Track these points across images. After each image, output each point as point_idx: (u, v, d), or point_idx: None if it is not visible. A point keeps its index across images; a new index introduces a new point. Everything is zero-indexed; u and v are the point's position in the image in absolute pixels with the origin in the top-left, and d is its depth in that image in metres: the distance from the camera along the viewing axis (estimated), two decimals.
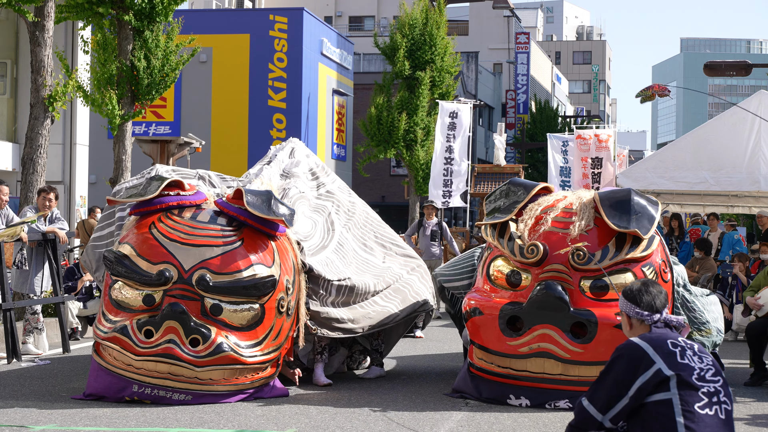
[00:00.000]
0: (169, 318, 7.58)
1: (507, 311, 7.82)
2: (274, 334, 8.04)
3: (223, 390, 7.84)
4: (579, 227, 8.00)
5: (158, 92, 15.90)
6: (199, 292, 7.72)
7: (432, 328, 14.10)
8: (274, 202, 8.18)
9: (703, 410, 4.25)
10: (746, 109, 14.50)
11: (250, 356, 7.82)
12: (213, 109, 32.26)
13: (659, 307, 4.53)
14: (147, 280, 7.75)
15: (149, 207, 8.17)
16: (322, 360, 9.09)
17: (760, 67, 21.17)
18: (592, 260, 7.81)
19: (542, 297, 7.67)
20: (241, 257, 7.91)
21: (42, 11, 13.11)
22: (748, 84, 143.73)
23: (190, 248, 7.87)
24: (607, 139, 22.02)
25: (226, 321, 7.78)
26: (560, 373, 7.77)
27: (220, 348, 7.64)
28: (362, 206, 10.49)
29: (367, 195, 45.44)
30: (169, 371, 7.66)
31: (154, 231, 8.03)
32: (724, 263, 15.14)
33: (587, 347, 7.63)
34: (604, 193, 8.29)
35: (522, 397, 7.89)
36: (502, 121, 51.33)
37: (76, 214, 19.12)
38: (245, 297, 7.81)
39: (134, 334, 7.66)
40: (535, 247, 7.87)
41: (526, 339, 7.76)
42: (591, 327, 7.63)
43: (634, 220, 7.89)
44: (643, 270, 7.91)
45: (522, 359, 7.83)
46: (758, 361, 9.63)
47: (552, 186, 8.81)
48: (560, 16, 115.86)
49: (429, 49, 30.65)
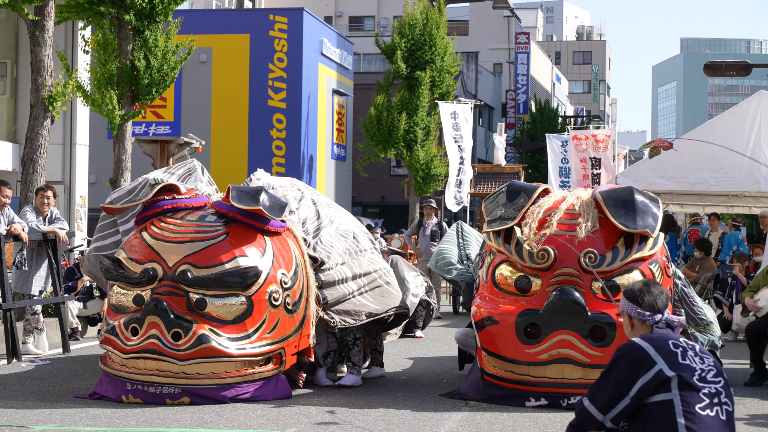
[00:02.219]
0: (150, 313, 7.68)
1: (524, 319, 7.75)
2: (268, 328, 8.01)
3: (212, 384, 7.80)
4: (586, 228, 7.95)
5: (158, 92, 15.91)
6: (183, 287, 7.78)
7: (432, 328, 14.10)
8: (264, 195, 8.19)
9: (704, 411, 4.24)
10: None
11: (237, 349, 7.81)
12: (213, 109, 32.25)
13: (661, 308, 4.53)
14: (134, 280, 7.90)
15: (149, 212, 8.33)
16: (325, 364, 9.08)
17: (760, 67, 21.15)
18: (603, 262, 7.79)
19: (559, 302, 7.61)
20: (224, 250, 7.96)
21: (42, 11, 13.10)
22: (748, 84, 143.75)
23: (175, 245, 7.99)
24: (605, 139, 21.96)
25: (213, 315, 7.81)
26: (580, 377, 7.72)
27: (201, 340, 7.66)
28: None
29: (367, 195, 45.47)
30: (157, 368, 7.75)
31: (144, 234, 8.21)
32: (724, 264, 15.14)
33: (607, 350, 7.55)
34: (606, 192, 8.24)
35: (542, 399, 7.87)
36: (502, 121, 51.33)
37: (76, 214, 19.11)
38: (227, 288, 7.83)
39: (121, 333, 7.83)
40: (545, 252, 7.81)
41: (545, 346, 7.71)
42: (610, 330, 7.59)
43: (640, 220, 7.88)
44: (650, 268, 7.90)
45: (541, 366, 7.78)
46: (758, 361, 9.63)
47: (550, 187, 8.77)
48: (560, 16, 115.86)
49: (429, 49, 30.64)
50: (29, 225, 10.84)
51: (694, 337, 8.36)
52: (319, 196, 9.86)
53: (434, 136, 31.11)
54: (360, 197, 44.21)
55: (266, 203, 8.18)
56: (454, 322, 15.00)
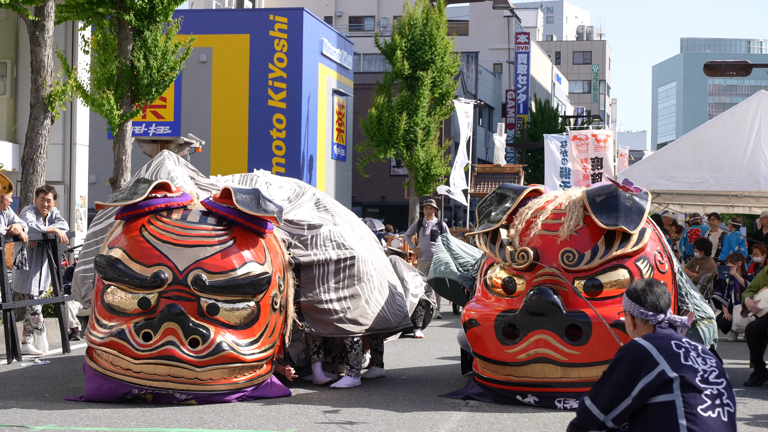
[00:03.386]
0: (167, 320, 7.56)
1: (502, 320, 7.82)
2: (270, 332, 8.06)
3: (223, 389, 7.84)
4: (568, 227, 7.99)
5: (158, 92, 15.91)
6: (195, 292, 7.71)
7: (432, 328, 14.10)
8: (263, 200, 8.21)
9: (706, 412, 4.23)
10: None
11: (248, 354, 7.83)
12: (213, 109, 32.25)
13: (663, 308, 4.51)
14: (142, 283, 7.71)
15: (136, 210, 8.12)
16: (319, 359, 9.07)
17: (760, 67, 21.15)
18: (582, 260, 7.80)
19: (535, 302, 7.67)
20: (234, 256, 7.93)
21: (42, 11, 13.10)
22: (748, 84, 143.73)
23: (184, 249, 7.87)
24: (605, 139, 21.95)
25: (223, 320, 7.78)
26: (560, 376, 7.75)
27: (220, 347, 7.64)
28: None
29: (367, 195, 45.47)
30: (169, 373, 7.64)
31: (146, 234, 8.00)
32: (722, 264, 15.12)
33: (583, 349, 7.61)
34: (592, 190, 8.25)
35: (529, 396, 7.89)
36: (502, 121, 51.32)
37: (76, 214, 19.11)
38: (241, 295, 7.82)
39: (132, 338, 7.62)
40: (525, 252, 7.87)
41: (523, 345, 7.75)
42: (585, 328, 7.62)
43: (622, 217, 7.86)
44: (637, 264, 7.88)
45: (521, 366, 7.81)
46: (758, 362, 9.63)
47: (542, 188, 8.73)
48: (560, 16, 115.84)
49: (429, 49, 30.63)
50: (29, 225, 10.84)
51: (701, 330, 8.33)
52: (324, 197, 9.91)
53: (434, 136, 31.12)
54: (360, 197, 44.21)
55: (274, 210, 8.18)
56: (454, 322, 14.99)
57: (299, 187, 10.03)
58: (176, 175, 8.91)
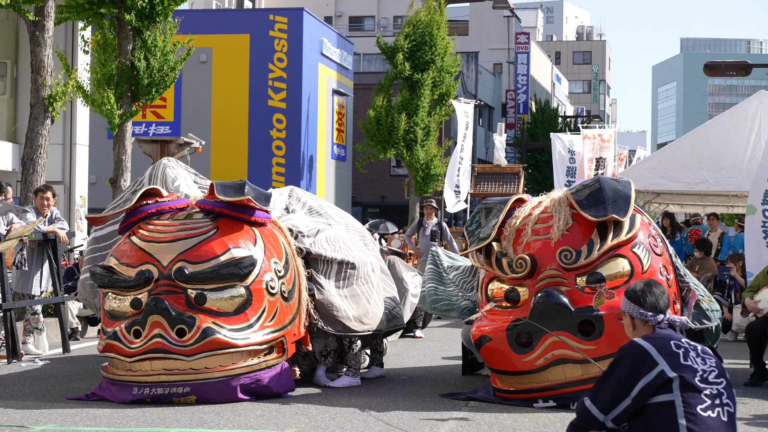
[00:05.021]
0: (152, 313, 7.69)
1: (513, 330, 7.82)
2: (269, 316, 8.05)
3: (221, 377, 7.83)
4: (559, 228, 8.01)
5: (158, 92, 15.91)
6: (180, 284, 7.79)
7: (432, 328, 14.10)
8: (248, 188, 8.24)
9: (706, 412, 4.24)
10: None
11: (242, 339, 7.84)
12: (213, 109, 32.24)
13: (663, 308, 4.52)
14: (129, 284, 7.89)
15: (132, 219, 8.33)
16: (325, 363, 9.08)
17: (760, 67, 21.16)
18: (580, 257, 7.82)
19: (543, 306, 7.68)
20: (216, 243, 8.00)
21: (42, 11, 13.10)
22: (748, 84, 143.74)
23: (167, 244, 8.01)
24: (609, 138, 22.01)
25: (213, 309, 7.83)
26: (582, 374, 7.73)
27: (206, 333, 7.69)
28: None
29: (367, 195, 45.48)
30: (164, 367, 7.74)
31: (134, 238, 8.22)
32: (722, 265, 15.11)
33: (599, 342, 7.61)
34: (574, 187, 8.31)
35: (550, 401, 7.89)
36: (502, 121, 51.30)
37: (76, 214, 19.12)
38: (225, 281, 7.86)
39: (124, 337, 7.81)
40: (522, 260, 7.89)
41: (539, 351, 7.75)
42: (597, 322, 7.63)
43: (609, 206, 7.89)
44: (633, 251, 7.91)
45: (541, 372, 7.81)
46: (758, 361, 9.63)
47: (526, 196, 8.74)
48: (560, 16, 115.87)
49: (429, 49, 30.63)
50: (27, 222, 10.83)
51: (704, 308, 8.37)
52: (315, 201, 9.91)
53: (434, 136, 31.12)
54: (360, 197, 44.21)
55: (251, 193, 8.23)
56: (454, 322, 14.99)
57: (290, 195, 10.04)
58: (180, 182, 9.03)
